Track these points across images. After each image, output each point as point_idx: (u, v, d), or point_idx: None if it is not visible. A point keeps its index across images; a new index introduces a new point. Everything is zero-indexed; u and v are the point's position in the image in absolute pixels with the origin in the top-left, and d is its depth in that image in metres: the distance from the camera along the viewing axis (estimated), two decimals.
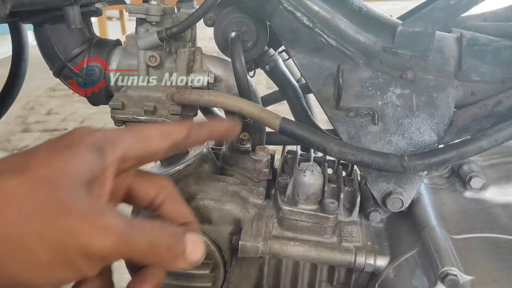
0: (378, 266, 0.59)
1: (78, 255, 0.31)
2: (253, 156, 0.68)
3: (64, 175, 0.32)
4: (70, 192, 0.32)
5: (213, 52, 0.68)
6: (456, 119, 0.60)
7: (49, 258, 0.30)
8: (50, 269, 0.31)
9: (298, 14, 0.56)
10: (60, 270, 0.31)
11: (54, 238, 0.30)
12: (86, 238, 0.31)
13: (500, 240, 0.56)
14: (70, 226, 0.30)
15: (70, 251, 0.30)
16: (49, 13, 0.59)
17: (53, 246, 0.30)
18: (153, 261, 0.37)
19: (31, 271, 0.30)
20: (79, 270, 0.32)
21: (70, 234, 0.30)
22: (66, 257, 0.31)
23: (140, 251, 0.34)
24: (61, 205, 0.31)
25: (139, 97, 0.62)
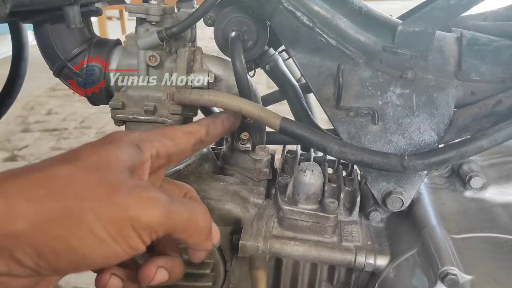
0: (378, 266, 0.59)
1: (129, 227, 0.34)
2: (253, 155, 0.68)
3: (110, 161, 0.37)
4: (117, 175, 0.36)
5: (213, 52, 0.68)
6: (456, 119, 0.60)
7: (104, 232, 0.33)
8: (105, 243, 0.33)
9: (298, 14, 0.56)
10: (114, 244, 0.34)
11: (107, 213, 0.33)
12: (135, 210, 0.34)
13: (500, 240, 0.56)
14: (120, 201, 0.34)
15: (122, 224, 0.34)
16: (49, 13, 0.59)
17: (107, 221, 0.33)
18: (193, 235, 0.40)
19: (89, 245, 0.33)
20: (131, 243, 0.34)
21: (120, 208, 0.34)
22: (118, 231, 0.33)
23: (182, 222, 0.38)
24: (111, 185, 0.35)
25: (139, 97, 0.62)
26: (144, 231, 0.35)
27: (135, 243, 0.35)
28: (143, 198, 0.35)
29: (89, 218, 0.33)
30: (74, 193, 0.33)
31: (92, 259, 0.34)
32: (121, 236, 0.34)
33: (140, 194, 0.35)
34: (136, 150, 0.40)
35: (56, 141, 2.72)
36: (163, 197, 0.36)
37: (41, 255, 0.32)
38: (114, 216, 0.33)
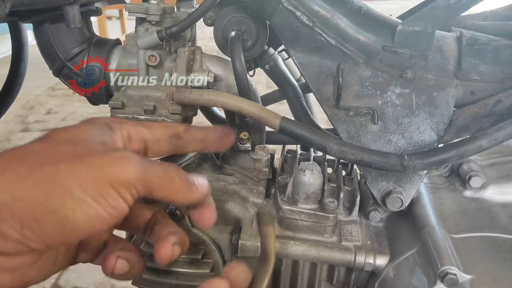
0: (378, 265, 0.59)
1: (107, 185, 0.34)
2: (253, 155, 0.68)
3: (80, 136, 0.38)
4: (90, 145, 0.37)
5: (213, 52, 0.68)
6: (455, 118, 0.60)
7: (82, 192, 0.33)
8: (85, 203, 0.34)
9: (298, 13, 0.56)
10: (94, 204, 0.34)
11: (82, 174, 0.34)
12: (109, 168, 0.35)
13: (499, 239, 0.56)
14: (93, 162, 0.35)
15: (99, 182, 0.34)
16: (49, 13, 0.59)
17: (83, 181, 0.34)
18: (172, 187, 0.40)
19: (69, 207, 0.33)
20: (111, 202, 0.35)
21: (95, 168, 0.34)
22: (97, 189, 0.34)
23: (158, 178, 0.38)
24: (83, 152, 0.36)
25: (139, 97, 0.62)
26: (122, 188, 0.35)
27: (116, 202, 0.35)
28: (116, 157, 0.36)
29: (64, 180, 0.33)
30: (47, 160, 0.34)
31: (75, 222, 0.33)
32: (100, 195, 0.34)
33: (112, 155, 0.36)
34: (107, 129, 0.41)
35: None
36: (135, 156, 0.37)
37: (24, 224, 0.32)
38: (90, 175, 0.34)
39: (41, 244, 0.34)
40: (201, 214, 0.45)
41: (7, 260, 0.34)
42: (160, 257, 0.43)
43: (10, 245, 0.33)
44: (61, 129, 0.39)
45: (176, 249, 0.44)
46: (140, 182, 0.37)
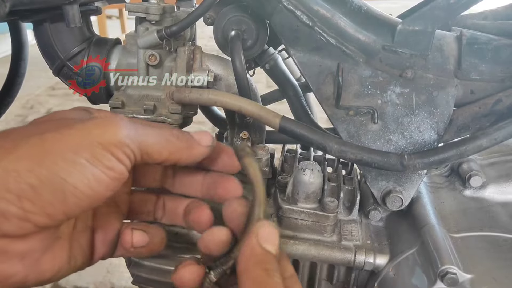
0: (378, 265, 0.60)
1: (98, 147, 0.34)
2: None
3: (61, 117, 0.39)
4: (70, 121, 0.37)
5: (213, 51, 0.68)
6: (455, 118, 0.60)
7: (73, 155, 0.33)
8: (80, 165, 0.33)
9: (298, 13, 0.56)
10: (90, 165, 0.34)
11: (70, 138, 0.34)
12: (97, 130, 0.35)
13: (499, 239, 0.56)
14: (80, 127, 0.35)
15: (90, 145, 0.34)
16: (49, 12, 0.59)
17: (73, 144, 0.34)
18: (170, 148, 0.40)
19: (64, 169, 0.33)
20: (106, 163, 0.34)
21: (83, 132, 0.34)
22: (89, 151, 0.34)
23: (153, 139, 0.38)
24: (67, 122, 0.36)
25: (139, 96, 0.62)
26: (114, 148, 0.35)
27: (111, 162, 0.35)
28: (102, 120, 0.36)
29: (53, 146, 0.33)
30: (32, 132, 0.34)
31: (73, 185, 0.33)
32: (93, 156, 0.34)
33: (98, 120, 0.36)
34: (86, 113, 0.41)
35: None
36: (123, 117, 0.37)
37: (21, 195, 0.32)
38: (78, 139, 0.34)
39: (44, 216, 0.33)
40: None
41: (15, 243, 0.33)
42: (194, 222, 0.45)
43: (13, 224, 0.32)
44: (42, 117, 0.40)
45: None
46: (132, 142, 0.36)
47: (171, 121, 0.61)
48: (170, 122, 0.61)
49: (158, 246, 0.45)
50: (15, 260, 0.34)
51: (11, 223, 0.32)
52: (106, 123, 0.36)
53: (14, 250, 0.33)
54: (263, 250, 0.36)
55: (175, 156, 0.40)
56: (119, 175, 0.36)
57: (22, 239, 0.34)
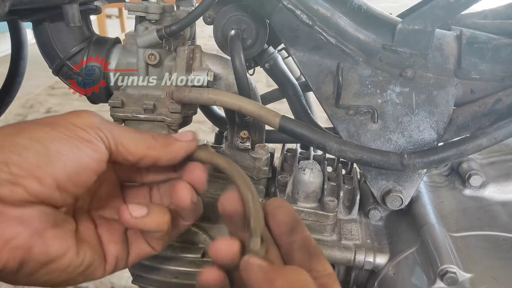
0: (378, 264, 0.60)
1: (73, 126, 0.37)
2: (252, 154, 0.68)
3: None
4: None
5: (213, 50, 0.68)
6: (455, 117, 0.60)
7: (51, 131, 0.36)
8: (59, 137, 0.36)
9: (298, 12, 0.56)
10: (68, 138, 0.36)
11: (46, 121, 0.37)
12: (72, 116, 0.38)
13: (499, 238, 0.56)
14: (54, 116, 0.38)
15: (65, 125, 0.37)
16: (48, 11, 0.59)
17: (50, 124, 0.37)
18: (148, 145, 0.41)
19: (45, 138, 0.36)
20: (83, 136, 0.37)
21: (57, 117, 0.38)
22: (65, 128, 0.37)
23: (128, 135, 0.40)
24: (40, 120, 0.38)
25: (139, 95, 0.62)
26: (88, 128, 0.38)
27: (88, 136, 0.37)
28: (77, 111, 0.39)
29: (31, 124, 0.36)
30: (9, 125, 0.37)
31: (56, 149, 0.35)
32: (69, 131, 0.37)
33: (72, 112, 0.39)
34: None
35: None
36: (99, 114, 0.40)
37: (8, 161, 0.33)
38: (54, 120, 0.37)
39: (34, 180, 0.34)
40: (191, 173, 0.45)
41: (11, 208, 0.34)
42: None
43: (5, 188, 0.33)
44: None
45: None
46: (105, 128, 0.39)
47: (170, 121, 0.61)
48: (170, 122, 0.61)
49: (162, 220, 0.43)
50: (13, 221, 0.34)
51: (3, 187, 0.33)
52: (79, 113, 0.39)
53: (11, 213, 0.34)
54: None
55: (153, 152, 0.41)
56: (98, 148, 0.38)
57: (19, 206, 0.34)
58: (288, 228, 0.40)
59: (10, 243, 0.34)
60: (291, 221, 0.40)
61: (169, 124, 0.61)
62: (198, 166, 0.45)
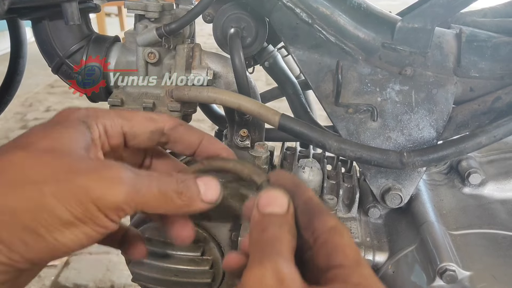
0: (377, 262, 0.60)
1: (94, 209, 0.32)
2: (252, 152, 0.68)
3: (63, 143, 0.35)
4: (73, 155, 0.34)
5: (212, 49, 0.68)
6: (455, 115, 0.60)
7: (69, 215, 0.32)
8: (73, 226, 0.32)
9: (297, 10, 0.56)
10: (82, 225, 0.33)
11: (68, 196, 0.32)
12: (97, 191, 0.32)
13: (498, 236, 0.57)
14: (80, 183, 0.32)
15: (86, 206, 0.32)
16: (47, 10, 0.59)
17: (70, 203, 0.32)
18: (168, 208, 0.37)
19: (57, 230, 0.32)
20: (99, 223, 0.33)
21: (82, 190, 0.32)
22: (84, 212, 0.32)
23: (152, 198, 0.35)
24: (68, 167, 0.33)
25: (138, 94, 0.62)
26: (110, 211, 0.34)
27: (104, 223, 0.34)
28: (104, 178, 0.33)
29: (51, 203, 0.32)
30: (31, 179, 0.32)
31: (64, 244, 0.32)
32: (87, 217, 0.33)
33: (101, 174, 0.33)
34: (84, 128, 0.38)
35: None
36: (126, 174, 0.34)
37: (12, 248, 0.31)
38: (77, 198, 0.32)
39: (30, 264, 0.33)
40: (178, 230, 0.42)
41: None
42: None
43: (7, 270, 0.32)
44: (40, 132, 0.36)
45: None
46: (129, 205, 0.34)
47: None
48: None
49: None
50: None
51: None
52: (108, 183, 0.33)
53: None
54: (262, 215, 0.34)
55: (170, 212, 0.38)
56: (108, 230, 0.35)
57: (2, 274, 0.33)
58: (291, 193, 0.38)
59: None
60: (291, 186, 0.38)
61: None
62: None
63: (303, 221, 0.35)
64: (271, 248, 0.31)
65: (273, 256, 0.30)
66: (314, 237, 0.33)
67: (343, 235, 0.33)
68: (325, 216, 0.35)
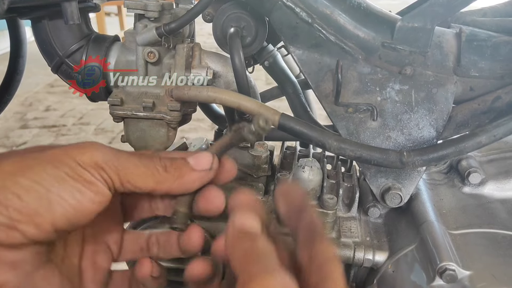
0: (377, 261, 0.60)
1: (77, 166, 0.35)
2: (252, 152, 0.68)
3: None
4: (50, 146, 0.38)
5: (212, 48, 0.68)
6: (455, 115, 0.60)
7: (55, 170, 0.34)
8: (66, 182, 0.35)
9: (297, 10, 0.56)
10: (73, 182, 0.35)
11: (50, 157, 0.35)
12: (77, 151, 0.36)
13: (498, 235, 0.57)
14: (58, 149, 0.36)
15: (68, 163, 0.35)
16: (47, 9, 0.59)
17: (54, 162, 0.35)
18: (156, 180, 0.39)
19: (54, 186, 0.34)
20: (86, 179, 0.35)
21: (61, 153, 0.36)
22: (69, 168, 0.35)
23: (135, 168, 0.38)
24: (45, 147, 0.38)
25: (138, 93, 0.62)
26: (91, 169, 0.36)
27: (91, 178, 0.36)
28: (81, 144, 0.37)
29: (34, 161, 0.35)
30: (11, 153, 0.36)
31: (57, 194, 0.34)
32: (73, 171, 0.35)
33: (76, 144, 0.37)
34: None
35: (54, 138, 2.72)
36: (105, 146, 0.38)
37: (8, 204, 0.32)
38: (58, 157, 0.35)
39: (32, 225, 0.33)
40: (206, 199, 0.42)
41: (6, 252, 0.33)
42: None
43: (2, 232, 0.32)
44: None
45: None
46: (109, 167, 0.36)
47: (170, 118, 0.61)
48: (169, 120, 0.61)
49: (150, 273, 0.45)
50: (6, 268, 0.34)
51: (0, 231, 0.32)
52: (83, 146, 0.37)
53: (5, 258, 0.34)
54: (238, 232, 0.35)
55: (163, 186, 0.39)
56: (100, 190, 0.36)
57: (14, 249, 0.34)
58: (296, 212, 0.39)
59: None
60: (300, 205, 0.39)
61: (168, 122, 0.61)
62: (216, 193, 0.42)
63: (303, 240, 0.37)
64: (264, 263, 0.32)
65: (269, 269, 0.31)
66: (310, 258, 0.34)
67: (338, 268, 0.34)
68: (326, 244, 0.36)
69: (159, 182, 0.39)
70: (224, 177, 0.43)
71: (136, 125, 0.63)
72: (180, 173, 0.39)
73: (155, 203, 0.46)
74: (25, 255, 0.35)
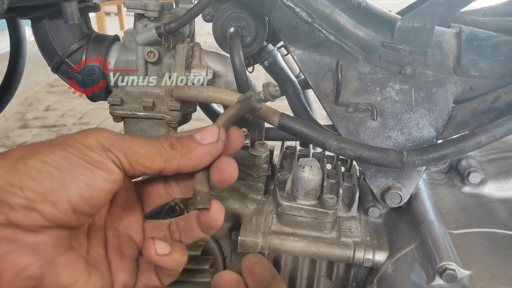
0: (377, 261, 0.60)
1: (85, 148, 0.36)
2: (252, 151, 0.68)
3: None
4: None
5: (212, 48, 0.68)
6: (455, 115, 0.60)
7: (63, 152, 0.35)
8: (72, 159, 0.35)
9: (297, 9, 0.56)
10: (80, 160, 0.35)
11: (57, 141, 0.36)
12: (79, 135, 0.37)
13: (498, 235, 0.57)
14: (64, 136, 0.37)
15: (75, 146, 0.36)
16: (47, 9, 0.59)
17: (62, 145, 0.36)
18: (165, 157, 0.39)
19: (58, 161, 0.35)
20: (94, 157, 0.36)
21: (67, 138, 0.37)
22: (76, 150, 0.36)
23: (141, 148, 0.38)
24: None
25: (138, 93, 0.62)
26: (97, 149, 0.36)
27: (99, 158, 0.36)
28: (86, 130, 0.38)
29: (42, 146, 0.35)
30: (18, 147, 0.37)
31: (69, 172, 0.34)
32: (81, 153, 0.36)
33: (81, 130, 0.38)
34: None
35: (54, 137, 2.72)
36: (110, 130, 0.38)
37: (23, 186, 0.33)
38: (65, 141, 0.36)
39: (49, 204, 0.33)
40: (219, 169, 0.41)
41: (26, 234, 0.33)
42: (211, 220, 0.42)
43: (20, 213, 0.32)
44: None
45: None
46: (115, 148, 0.37)
47: (170, 118, 0.61)
48: (169, 119, 0.61)
49: (180, 261, 0.43)
50: (27, 250, 0.33)
51: (18, 212, 0.32)
52: (88, 131, 0.37)
53: (25, 240, 0.33)
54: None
55: (172, 164, 0.39)
56: (110, 168, 0.36)
57: (34, 232, 0.33)
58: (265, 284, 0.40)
59: (22, 273, 0.33)
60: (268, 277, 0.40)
61: (168, 122, 0.61)
62: (227, 162, 0.41)
63: None
64: None
65: None
66: None
67: None
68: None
69: (167, 160, 0.39)
70: (233, 147, 0.43)
71: (136, 125, 0.63)
72: (188, 149, 0.39)
73: (170, 187, 0.46)
74: (46, 239, 0.34)
